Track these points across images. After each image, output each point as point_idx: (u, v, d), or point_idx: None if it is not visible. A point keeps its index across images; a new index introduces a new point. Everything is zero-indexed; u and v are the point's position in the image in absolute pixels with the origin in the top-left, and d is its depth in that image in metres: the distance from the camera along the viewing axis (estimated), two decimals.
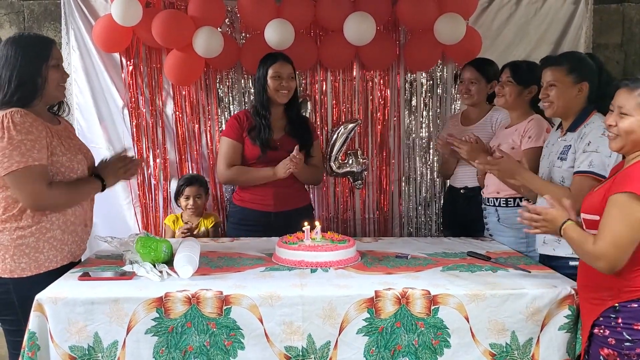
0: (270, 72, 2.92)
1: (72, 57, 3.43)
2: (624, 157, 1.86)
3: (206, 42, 3.24)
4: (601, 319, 1.75)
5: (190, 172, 3.55)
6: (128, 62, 3.47)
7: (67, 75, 2.25)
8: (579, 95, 2.24)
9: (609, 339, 1.73)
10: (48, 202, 2.08)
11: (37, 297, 1.89)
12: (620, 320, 1.71)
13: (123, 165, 2.35)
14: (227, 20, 3.51)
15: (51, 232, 2.12)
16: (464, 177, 3.12)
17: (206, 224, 3.34)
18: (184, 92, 3.54)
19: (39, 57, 2.10)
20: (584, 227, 1.83)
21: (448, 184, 3.36)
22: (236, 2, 3.40)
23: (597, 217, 1.74)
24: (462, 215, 3.14)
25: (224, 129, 3.21)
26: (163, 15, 3.26)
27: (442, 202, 3.62)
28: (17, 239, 2.07)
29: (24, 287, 2.06)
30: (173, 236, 3.27)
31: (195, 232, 3.27)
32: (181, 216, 3.39)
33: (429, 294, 1.94)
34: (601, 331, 1.75)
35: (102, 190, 2.29)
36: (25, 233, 2.08)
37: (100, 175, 2.27)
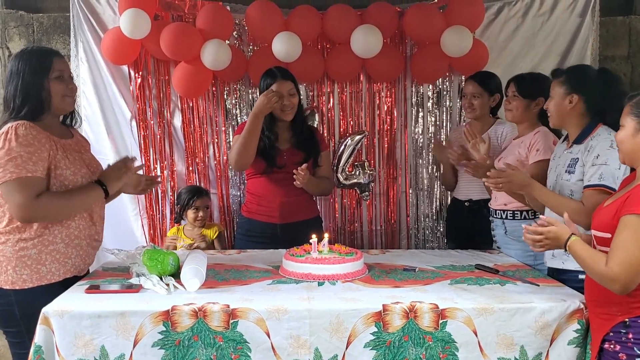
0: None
1: (81, 70, 3.46)
2: (632, 170, 1.85)
3: (214, 55, 3.26)
4: (611, 334, 1.74)
5: (198, 183, 3.56)
6: (136, 74, 3.49)
7: (74, 86, 2.23)
8: (572, 107, 2.24)
9: (620, 354, 1.71)
10: (34, 214, 2.04)
11: (44, 310, 1.89)
12: (630, 336, 1.69)
13: (125, 167, 2.26)
14: (235, 32, 3.54)
15: (54, 245, 2.12)
16: (468, 190, 3.11)
17: (210, 235, 3.34)
18: (191, 104, 3.56)
19: (40, 70, 2.11)
20: (595, 243, 1.82)
21: (452, 197, 3.36)
22: (244, 15, 3.42)
23: (608, 235, 1.73)
24: (465, 228, 3.14)
25: (231, 140, 3.20)
26: (171, 28, 3.28)
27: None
28: (20, 250, 2.07)
29: (26, 299, 2.06)
30: (174, 249, 3.26)
31: (195, 245, 3.25)
32: (183, 229, 3.38)
33: (437, 307, 1.92)
34: (611, 346, 1.73)
35: (106, 195, 2.22)
36: (28, 245, 2.08)
37: (101, 181, 2.21)
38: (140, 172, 2.49)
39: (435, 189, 3.71)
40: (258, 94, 3.52)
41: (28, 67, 2.10)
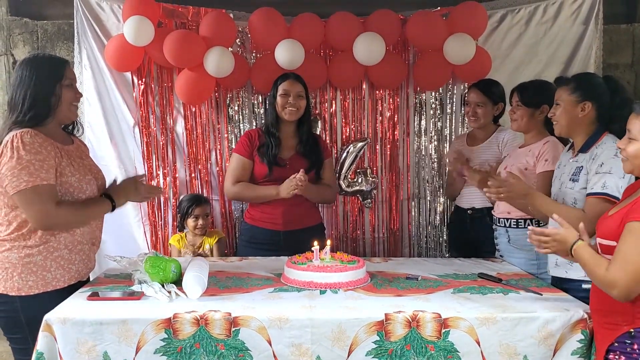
0: (279, 89, 2.94)
1: (84, 76, 3.47)
2: (637, 178, 1.84)
3: (217, 62, 3.27)
4: (616, 344, 1.72)
5: (200, 190, 3.56)
6: (139, 81, 3.50)
7: (81, 95, 2.27)
8: (584, 115, 2.23)
9: None
10: (56, 222, 2.08)
11: (46, 317, 1.89)
12: (636, 347, 1.68)
13: (134, 188, 2.37)
14: (238, 40, 3.54)
15: (59, 252, 2.13)
16: (471, 198, 3.10)
17: (210, 242, 3.33)
18: (194, 111, 3.57)
19: (52, 76, 2.13)
20: (600, 251, 1.81)
21: (454, 205, 3.35)
22: (247, 22, 3.43)
23: (614, 243, 1.72)
24: (469, 237, 3.12)
25: (234, 147, 3.22)
26: (174, 35, 3.29)
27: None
28: (25, 257, 2.08)
29: (31, 306, 2.07)
30: (179, 255, 3.27)
31: (199, 251, 3.26)
32: (185, 235, 3.38)
33: (440, 317, 1.91)
34: (616, 357, 1.72)
35: (112, 210, 2.29)
36: (33, 252, 2.09)
37: (111, 196, 2.28)
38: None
39: (438, 197, 3.70)
40: (261, 100, 3.56)
41: (41, 72, 2.12)
